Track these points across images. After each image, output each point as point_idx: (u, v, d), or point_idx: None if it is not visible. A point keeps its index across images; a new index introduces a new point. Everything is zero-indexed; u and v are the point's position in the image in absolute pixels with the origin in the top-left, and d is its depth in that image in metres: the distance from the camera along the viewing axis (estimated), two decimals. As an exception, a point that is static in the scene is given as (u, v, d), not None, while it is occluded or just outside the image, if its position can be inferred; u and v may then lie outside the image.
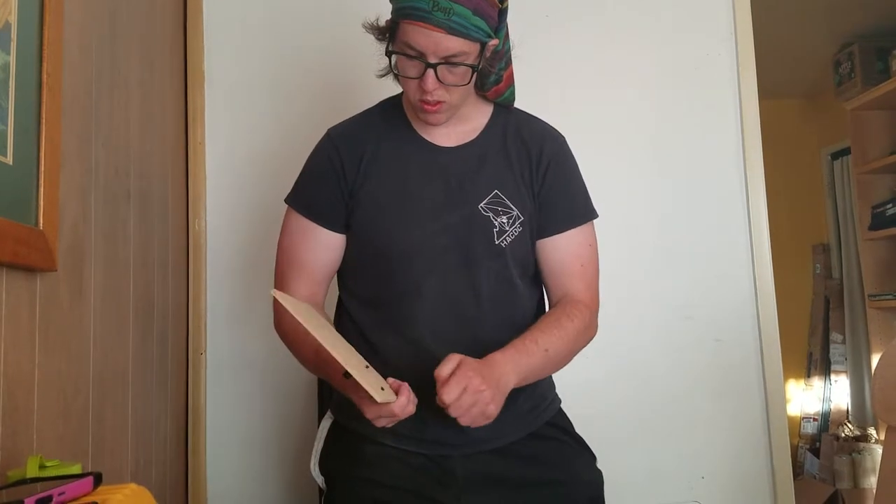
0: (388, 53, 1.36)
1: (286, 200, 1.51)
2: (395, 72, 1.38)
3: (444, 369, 1.22)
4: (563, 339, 1.40)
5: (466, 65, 1.32)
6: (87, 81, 1.40)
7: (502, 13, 1.38)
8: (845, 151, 4.56)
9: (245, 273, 2.14)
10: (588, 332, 1.47)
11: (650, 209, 2.23)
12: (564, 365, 1.45)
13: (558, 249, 1.49)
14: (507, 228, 1.42)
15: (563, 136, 1.55)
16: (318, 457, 1.47)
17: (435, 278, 1.40)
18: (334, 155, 1.46)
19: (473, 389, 1.21)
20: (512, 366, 1.30)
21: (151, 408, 1.76)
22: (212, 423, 2.09)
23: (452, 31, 1.28)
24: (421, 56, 1.31)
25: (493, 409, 1.25)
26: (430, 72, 1.31)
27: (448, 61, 1.30)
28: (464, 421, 1.23)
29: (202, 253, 2.13)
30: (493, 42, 1.37)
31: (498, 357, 1.29)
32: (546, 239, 1.48)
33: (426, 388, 1.25)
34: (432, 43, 1.29)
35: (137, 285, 1.65)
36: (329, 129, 1.52)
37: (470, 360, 1.25)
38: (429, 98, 1.34)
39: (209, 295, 2.12)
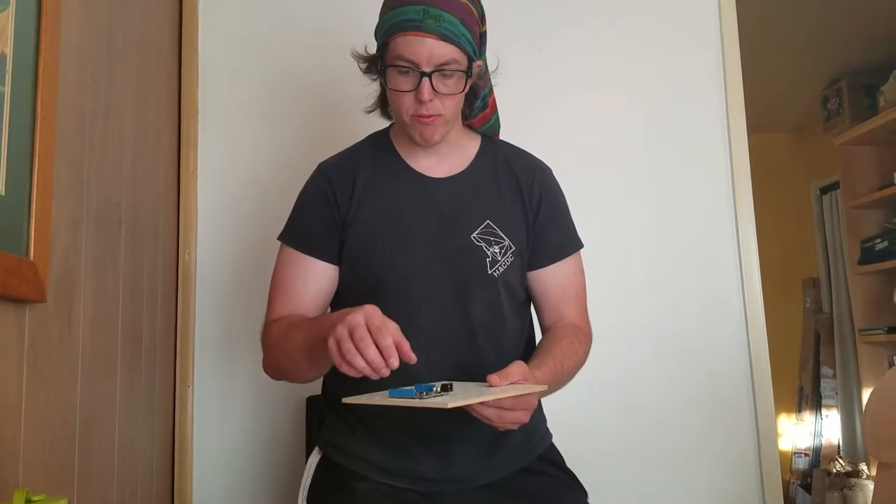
0: (382, 69, 1.38)
1: (279, 238, 1.50)
2: (388, 87, 1.38)
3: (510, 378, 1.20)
4: (575, 366, 1.44)
5: (460, 70, 1.35)
6: (81, 112, 1.40)
7: (483, 36, 1.43)
8: (834, 186, 4.60)
9: (234, 305, 2.13)
10: (585, 359, 1.49)
11: (641, 242, 2.24)
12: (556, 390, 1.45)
13: (554, 278, 1.51)
14: (500, 258, 1.43)
15: (549, 168, 1.57)
16: (305, 493, 1.45)
17: (429, 307, 1.40)
18: (327, 187, 1.46)
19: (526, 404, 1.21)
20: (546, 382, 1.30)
21: (138, 440, 1.74)
22: (198, 456, 2.07)
23: (444, 38, 1.31)
24: (415, 66, 1.33)
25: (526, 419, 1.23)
26: (426, 80, 1.33)
27: (441, 69, 1.33)
28: (497, 423, 1.20)
29: (191, 283, 2.12)
30: (479, 63, 1.42)
31: (539, 375, 1.28)
32: (542, 269, 1.50)
33: (419, 420, 1.24)
34: (426, 50, 1.31)
35: (126, 316, 1.64)
36: (320, 164, 1.53)
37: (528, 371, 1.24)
38: (424, 111, 1.36)
39: (198, 326, 2.11)
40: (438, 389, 1.17)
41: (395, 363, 1.11)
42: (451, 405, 1.09)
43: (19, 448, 1.11)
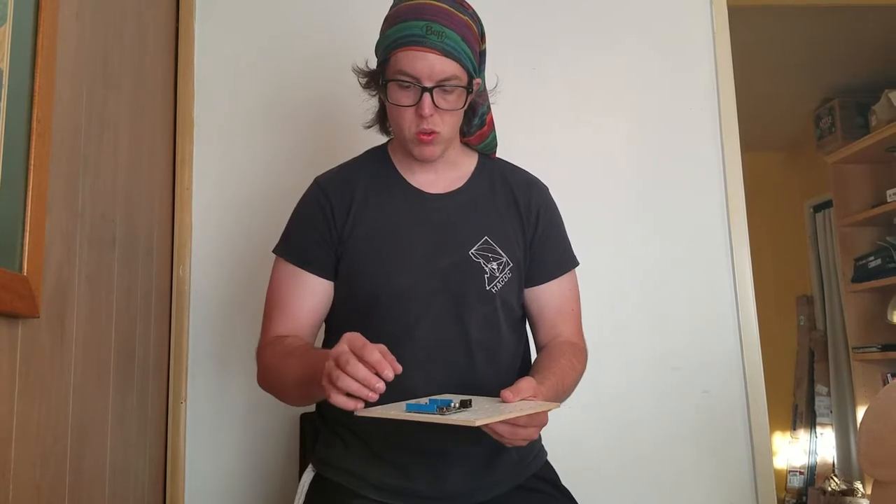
0: (384, 83, 1.38)
1: (274, 251, 1.49)
2: (388, 102, 1.38)
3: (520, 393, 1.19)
4: (574, 383, 1.44)
5: (460, 86, 1.36)
6: (76, 127, 1.40)
7: (482, 54, 1.45)
8: (827, 204, 4.62)
9: (228, 321, 2.12)
10: (583, 374, 1.49)
11: (635, 261, 2.24)
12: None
13: (552, 295, 1.52)
14: (498, 274, 1.44)
15: (546, 186, 1.58)
16: (299, 511, 1.44)
17: (427, 323, 1.40)
18: (324, 201, 1.46)
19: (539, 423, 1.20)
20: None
21: (129, 457, 1.73)
22: (191, 473, 2.05)
23: (446, 54, 1.32)
24: (416, 81, 1.34)
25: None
26: (427, 96, 1.34)
27: (442, 85, 1.34)
28: (508, 439, 1.19)
29: (185, 299, 2.11)
30: (478, 81, 1.43)
31: (543, 391, 1.27)
32: (540, 286, 1.51)
33: (414, 437, 1.23)
34: (427, 66, 1.32)
35: (119, 332, 1.63)
36: (316, 178, 1.53)
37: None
38: (425, 126, 1.36)
39: (191, 342, 2.10)
40: (457, 405, 1.14)
41: (390, 374, 1.08)
42: (478, 423, 1.05)
43: (10, 465, 1.11)
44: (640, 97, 2.32)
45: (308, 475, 1.48)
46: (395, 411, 1.10)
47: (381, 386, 1.08)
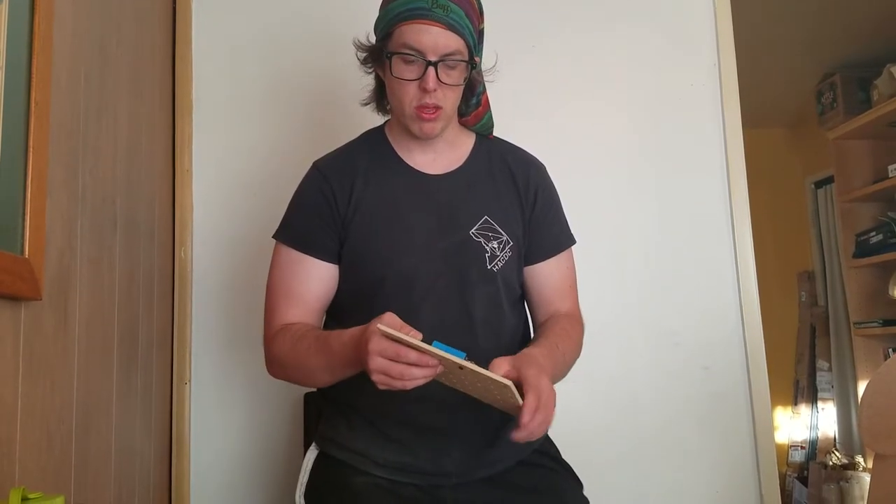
0: (388, 56, 1.37)
1: (275, 237, 1.48)
2: (391, 76, 1.37)
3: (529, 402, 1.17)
4: (573, 349, 1.45)
5: (463, 61, 1.36)
6: (75, 109, 1.40)
7: (481, 33, 1.44)
8: (829, 180, 4.61)
9: (231, 301, 2.13)
10: (581, 346, 1.50)
11: (637, 237, 2.24)
12: (562, 378, 1.42)
13: (550, 273, 1.52)
14: (499, 253, 1.44)
15: (544, 165, 1.58)
16: (303, 489, 1.45)
17: (430, 305, 1.40)
18: (325, 186, 1.45)
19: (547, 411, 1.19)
20: (549, 368, 1.27)
21: (135, 438, 1.74)
22: (196, 453, 2.07)
23: (451, 28, 1.32)
24: (420, 55, 1.33)
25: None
26: (431, 70, 1.33)
27: (446, 59, 1.34)
28: (533, 434, 1.18)
29: (188, 281, 2.11)
30: (477, 59, 1.43)
31: (543, 362, 1.26)
32: (537, 264, 1.51)
33: (417, 414, 1.24)
34: (432, 40, 1.32)
35: (122, 314, 1.64)
36: (315, 162, 1.52)
37: (542, 381, 1.20)
38: (428, 101, 1.35)
39: (194, 323, 2.11)
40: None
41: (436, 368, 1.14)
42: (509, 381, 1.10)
43: (15, 446, 1.11)
44: (641, 74, 2.31)
45: (312, 453, 1.49)
46: (425, 345, 1.12)
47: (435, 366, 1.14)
